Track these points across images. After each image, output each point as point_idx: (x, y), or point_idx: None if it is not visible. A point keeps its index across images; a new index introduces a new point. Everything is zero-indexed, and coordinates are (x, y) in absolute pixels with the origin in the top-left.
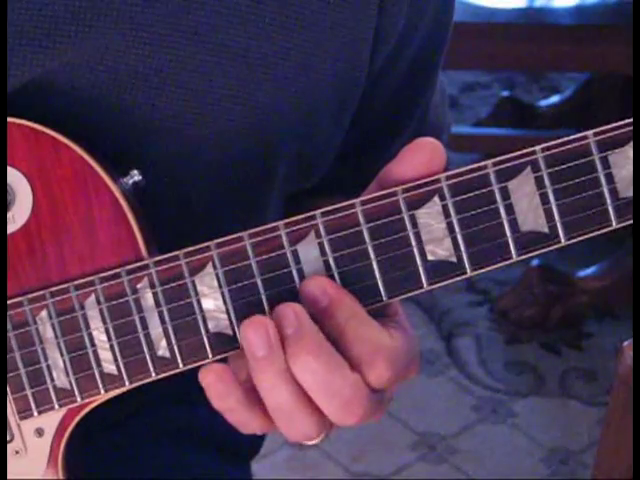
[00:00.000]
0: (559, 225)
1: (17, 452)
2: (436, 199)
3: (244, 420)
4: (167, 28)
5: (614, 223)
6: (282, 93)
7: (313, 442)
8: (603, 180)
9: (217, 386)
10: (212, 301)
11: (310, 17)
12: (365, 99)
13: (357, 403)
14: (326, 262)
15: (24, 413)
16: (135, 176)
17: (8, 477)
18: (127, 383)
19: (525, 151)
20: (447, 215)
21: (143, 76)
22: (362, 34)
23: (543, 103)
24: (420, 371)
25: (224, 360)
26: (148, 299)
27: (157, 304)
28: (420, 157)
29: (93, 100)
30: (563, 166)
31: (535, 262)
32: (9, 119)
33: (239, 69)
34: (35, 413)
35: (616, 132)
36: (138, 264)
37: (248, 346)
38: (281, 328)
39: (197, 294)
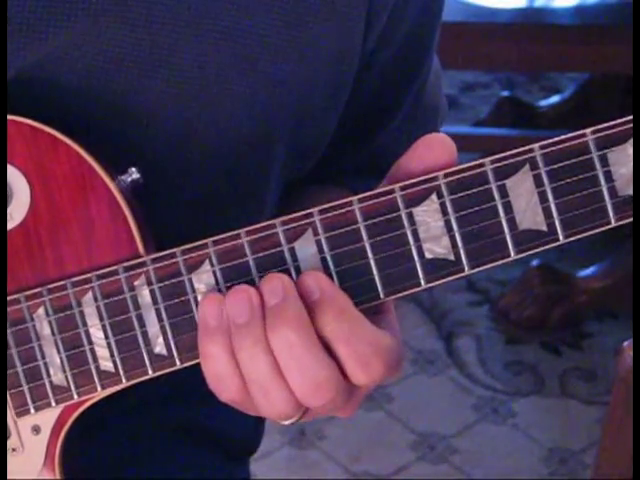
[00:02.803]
0: (557, 223)
1: (14, 450)
2: (434, 197)
3: (223, 374)
4: (159, 13)
5: (613, 221)
6: (276, 76)
7: (288, 422)
8: (602, 178)
9: (211, 313)
10: None
11: None
12: (358, 81)
13: (327, 388)
14: (324, 260)
15: (21, 410)
16: (133, 174)
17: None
18: (124, 380)
19: (523, 149)
20: (445, 213)
21: (135, 63)
22: (354, 13)
23: (543, 103)
24: (420, 371)
25: None
26: (145, 296)
27: (154, 301)
28: (431, 152)
29: (87, 89)
30: (561, 164)
31: (535, 262)
32: (8, 116)
33: (232, 52)
34: (32, 410)
35: (614, 130)
36: (135, 261)
37: (230, 312)
38: (267, 297)
39: (194, 291)
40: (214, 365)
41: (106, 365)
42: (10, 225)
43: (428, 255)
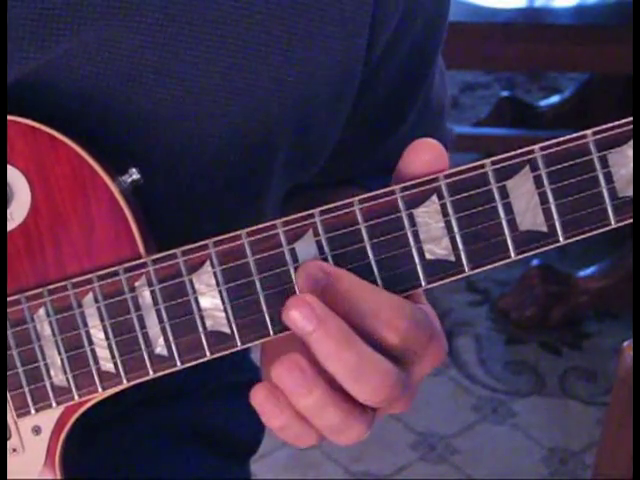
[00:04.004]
0: (558, 224)
1: (14, 450)
2: (434, 198)
3: (299, 435)
4: (162, 19)
5: (613, 222)
6: (279, 83)
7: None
8: (602, 179)
9: (267, 405)
10: (210, 299)
11: (306, 6)
12: (366, 87)
13: (388, 382)
14: (324, 260)
15: (21, 411)
16: (134, 174)
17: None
18: (124, 381)
19: (523, 150)
20: (445, 214)
21: (139, 68)
22: (359, 22)
23: (543, 103)
24: None
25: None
26: (146, 297)
27: (155, 302)
28: (420, 158)
29: (90, 93)
30: (562, 165)
31: (535, 262)
32: (8, 117)
33: (236, 59)
34: (32, 411)
35: (615, 131)
36: (136, 262)
37: (287, 389)
38: (301, 324)
39: (195, 292)
40: (288, 433)
41: (107, 366)
42: (11, 225)
43: (428, 256)
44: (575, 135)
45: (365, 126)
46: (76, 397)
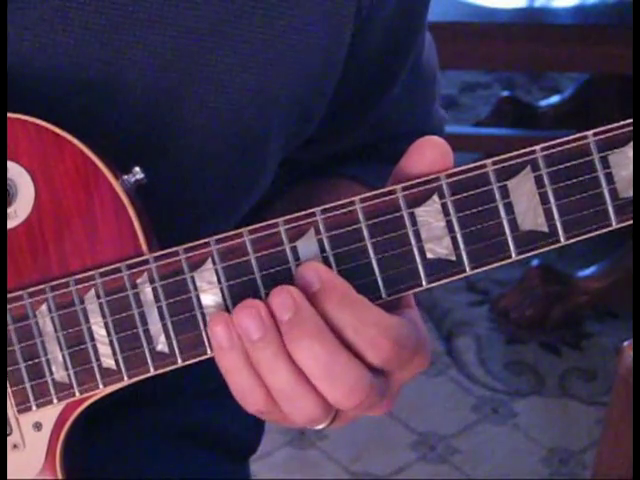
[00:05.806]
0: (559, 224)
1: (15, 446)
2: (435, 197)
3: (246, 386)
4: (164, 10)
5: (614, 223)
6: (272, 30)
7: (320, 426)
8: (603, 180)
9: (220, 334)
10: (211, 297)
11: None
12: (358, 41)
13: (359, 388)
14: (325, 259)
15: (23, 406)
16: (137, 174)
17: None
18: (126, 378)
19: (525, 150)
20: (446, 213)
21: (137, 58)
22: None
23: (543, 103)
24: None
25: None
26: (147, 294)
27: (156, 299)
28: (424, 157)
29: (88, 85)
30: (563, 166)
31: (535, 262)
32: (12, 115)
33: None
34: (34, 407)
35: (616, 132)
36: (138, 259)
37: (242, 330)
38: (278, 312)
39: (196, 289)
40: (235, 379)
41: (108, 362)
42: (15, 222)
43: (429, 255)
44: (576, 136)
45: (357, 87)
46: (77, 393)
